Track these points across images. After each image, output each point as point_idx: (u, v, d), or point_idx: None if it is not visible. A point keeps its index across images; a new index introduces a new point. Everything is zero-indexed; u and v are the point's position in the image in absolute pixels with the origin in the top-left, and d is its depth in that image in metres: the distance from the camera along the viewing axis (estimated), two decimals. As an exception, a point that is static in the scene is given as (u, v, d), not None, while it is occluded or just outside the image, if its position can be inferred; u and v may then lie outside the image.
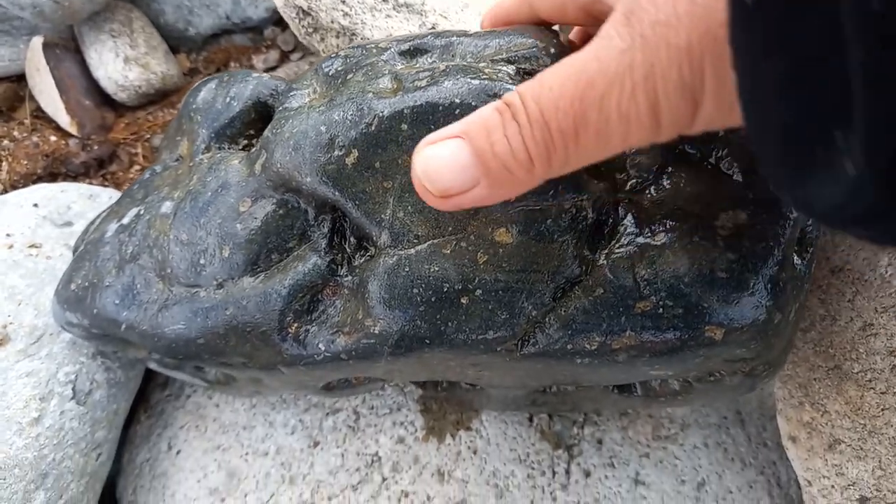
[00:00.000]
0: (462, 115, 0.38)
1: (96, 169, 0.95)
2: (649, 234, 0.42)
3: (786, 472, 0.67)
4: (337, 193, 0.44)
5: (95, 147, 0.95)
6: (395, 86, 0.44)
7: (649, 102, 0.27)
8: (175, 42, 1.07)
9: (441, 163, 0.33)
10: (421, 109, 0.41)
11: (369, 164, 0.43)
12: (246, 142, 0.56)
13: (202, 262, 0.50)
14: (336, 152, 0.43)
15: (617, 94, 0.28)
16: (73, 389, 0.63)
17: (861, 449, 0.51)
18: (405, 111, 0.42)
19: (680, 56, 0.26)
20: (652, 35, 0.27)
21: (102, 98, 1.01)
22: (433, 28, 0.70)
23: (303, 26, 0.77)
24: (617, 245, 0.42)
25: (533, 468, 0.66)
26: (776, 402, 0.60)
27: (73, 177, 0.93)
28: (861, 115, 0.18)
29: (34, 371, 0.62)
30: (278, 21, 1.09)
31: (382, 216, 0.43)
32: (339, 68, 0.50)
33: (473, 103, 0.40)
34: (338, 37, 0.73)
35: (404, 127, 0.42)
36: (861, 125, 0.19)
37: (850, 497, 0.53)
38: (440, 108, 0.41)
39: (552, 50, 0.44)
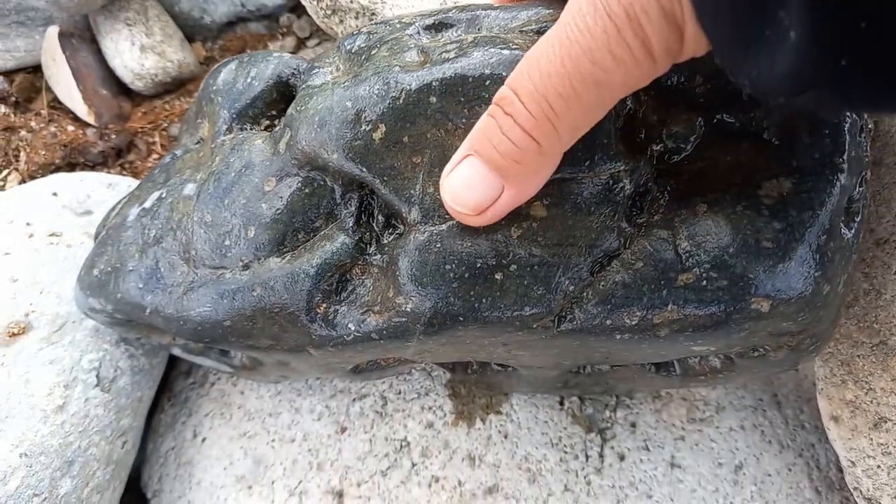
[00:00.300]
0: (494, 88, 0.37)
1: (114, 158, 0.94)
2: (690, 205, 0.40)
3: (825, 454, 0.65)
4: (364, 170, 0.43)
5: (113, 136, 0.94)
6: (423, 59, 0.43)
7: (639, 39, 0.28)
8: (190, 30, 1.06)
9: (462, 184, 0.36)
10: (450, 81, 0.40)
11: (397, 139, 0.42)
12: (268, 122, 0.55)
13: (227, 243, 0.49)
14: (363, 127, 0.42)
15: (603, 42, 0.28)
16: (97, 376, 0.63)
17: (909, 427, 0.50)
18: (434, 84, 0.40)
19: None
20: None
21: (119, 87, 1.00)
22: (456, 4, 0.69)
23: (321, 8, 0.75)
24: (656, 217, 0.41)
25: (566, 452, 0.65)
26: (816, 381, 0.58)
27: (92, 166, 0.93)
28: None
29: (57, 359, 0.61)
30: (294, 8, 1.08)
31: (412, 192, 0.42)
32: (363, 45, 0.48)
33: (505, 74, 0.39)
34: (357, 17, 0.72)
35: (433, 100, 0.40)
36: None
37: (896, 477, 0.52)
38: (470, 79, 0.40)
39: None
